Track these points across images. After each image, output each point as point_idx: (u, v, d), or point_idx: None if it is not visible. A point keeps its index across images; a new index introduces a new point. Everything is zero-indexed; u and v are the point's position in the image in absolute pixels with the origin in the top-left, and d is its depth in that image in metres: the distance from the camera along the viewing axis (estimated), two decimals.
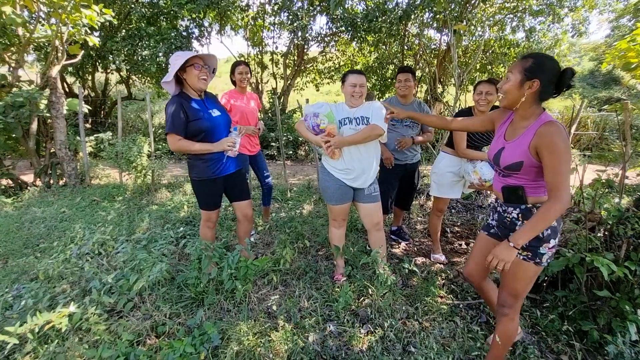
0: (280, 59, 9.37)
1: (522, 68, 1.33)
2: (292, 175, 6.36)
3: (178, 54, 2.08)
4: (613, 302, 1.77)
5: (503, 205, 1.51)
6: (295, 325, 1.97)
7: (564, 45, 7.89)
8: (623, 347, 1.62)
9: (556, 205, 1.24)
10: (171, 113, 2.05)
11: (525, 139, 1.34)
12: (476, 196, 4.36)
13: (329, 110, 2.14)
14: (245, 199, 2.45)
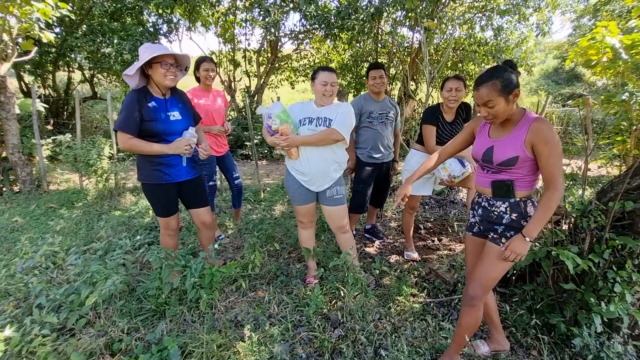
0: (253, 56, 9.16)
1: (497, 91, 1.38)
2: (266, 175, 6.23)
3: (147, 46, 1.92)
4: (579, 295, 1.79)
5: (490, 200, 1.54)
6: (264, 333, 1.87)
7: (530, 43, 8.15)
8: (589, 339, 1.64)
9: (556, 193, 1.35)
10: (125, 109, 1.91)
11: (518, 136, 1.42)
12: (448, 192, 4.41)
13: (281, 110, 2.06)
14: (202, 205, 2.28)
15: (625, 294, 1.62)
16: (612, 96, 3.98)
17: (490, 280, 1.53)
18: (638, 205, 1.74)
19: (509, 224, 1.48)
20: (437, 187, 2.82)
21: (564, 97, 14.96)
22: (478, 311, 1.57)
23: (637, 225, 1.73)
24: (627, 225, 1.78)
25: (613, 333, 1.71)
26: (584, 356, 1.68)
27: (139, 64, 1.87)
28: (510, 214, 1.48)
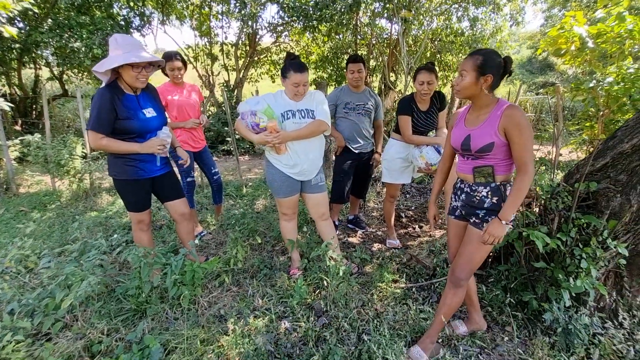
0: (231, 49, 8.98)
1: (474, 66, 1.45)
2: (248, 170, 6.17)
3: (118, 42, 1.82)
4: (549, 272, 1.88)
5: (472, 186, 1.59)
6: (248, 326, 1.87)
7: (505, 32, 8.34)
8: (558, 313, 1.73)
9: (526, 177, 1.41)
10: (97, 107, 1.83)
11: (492, 122, 1.47)
12: (428, 180, 4.50)
13: (266, 106, 2.00)
14: (177, 197, 2.26)
15: (590, 269, 1.71)
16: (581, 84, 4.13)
17: (475, 262, 1.59)
18: (601, 185, 1.83)
19: (490, 208, 1.53)
20: (415, 175, 2.87)
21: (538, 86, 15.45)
22: (462, 291, 1.65)
23: (601, 205, 1.82)
24: (591, 204, 1.87)
25: (580, 306, 1.81)
26: (554, 329, 1.77)
27: (108, 63, 1.79)
28: (492, 198, 1.53)
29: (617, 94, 3.70)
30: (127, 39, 1.87)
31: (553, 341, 1.75)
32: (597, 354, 1.64)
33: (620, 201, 1.73)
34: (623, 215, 1.71)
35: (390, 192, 2.89)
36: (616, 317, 1.84)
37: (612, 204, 1.76)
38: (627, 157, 1.75)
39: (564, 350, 1.69)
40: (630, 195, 1.70)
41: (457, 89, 1.52)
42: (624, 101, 3.67)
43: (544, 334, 1.81)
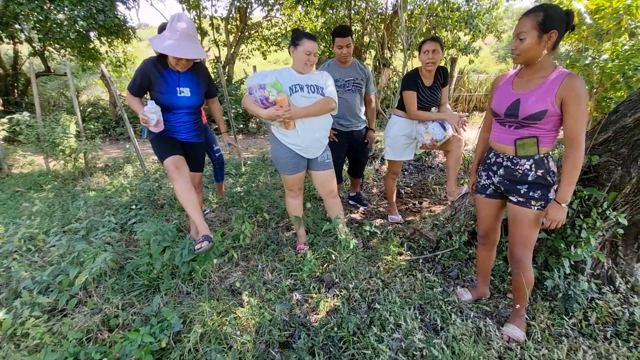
0: (221, 23, 8.66)
1: (535, 24, 1.32)
2: (244, 149, 6.11)
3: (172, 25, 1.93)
4: (549, 242, 1.97)
5: (514, 159, 1.51)
6: (261, 298, 1.93)
7: (501, 8, 8.23)
8: (558, 280, 1.83)
9: (579, 152, 1.35)
10: (137, 72, 2.07)
11: (549, 89, 1.36)
12: (426, 157, 4.55)
13: (274, 80, 1.95)
14: (196, 170, 2.37)
15: (590, 239, 1.80)
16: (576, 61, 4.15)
17: (529, 242, 1.57)
18: (602, 159, 1.89)
19: (534, 181, 1.47)
20: (418, 152, 2.90)
21: None
22: (529, 269, 1.61)
23: (602, 177, 1.89)
24: (592, 177, 1.94)
25: (578, 274, 1.91)
26: (554, 295, 1.88)
27: (155, 44, 1.94)
28: (536, 171, 1.46)
29: (611, 71, 3.74)
30: (180, 23, 1.94)
31: (553, 306, 1.86)
32: (595, 316, 1.76)
33: (621, 174, 1.80)
34: (623, 187, 1.79)
35: (392, 169, 2.92)
36: (612, 283, 1.96)
37: (613, 177, 1.83)
38: (629, 131, 1.80)
39: (563, 314, 1.80)
40: (630, 167, 1.76)
41: (517, 52, 1.39)
42: (618, 78, 3.72)
43: (544, 300, 1.91)
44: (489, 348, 1.61)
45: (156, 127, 2.05)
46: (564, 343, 1.63)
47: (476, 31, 8.01)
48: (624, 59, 3.65)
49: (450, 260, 2.31)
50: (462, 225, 2.37)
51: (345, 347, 1.62)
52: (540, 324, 1.74)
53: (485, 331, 1.69)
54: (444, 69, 2.60)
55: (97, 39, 7.29)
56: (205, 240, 2.00)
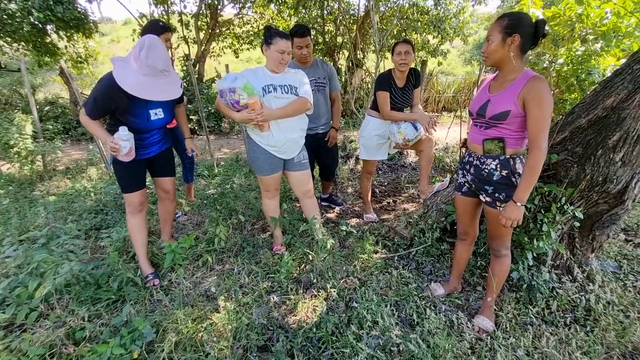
0: (190, 20, 8.39)
1: (500, 27, 1.41)
2: (217, 149, 5.97)
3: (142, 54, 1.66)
4: (514, 236, 2.08)
5: (482, 158, 1.59)
6: (238, 303, 1.89)
7: (467, 13, 8.58)
8: (523, 272, 1.94)
9: (538, 153, 1.38)
10: (96, 93, 1.74)
11: (513, 90, 1.43)
12: (399, 157, 4.66)
13: (245, 83, 1.90)
14: (169, 175, 2.25)
15: (550, 232, 1.92)
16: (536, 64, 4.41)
17: (504, 237, 1.65)
18: (560, 157, 2.02)
19: (499, 182, 1.54)
20: (391, 151, 2.96)
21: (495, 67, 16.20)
22: (507, 259, 1.71)
23: (560, 175, 2.02)
24: (552, 175, 2.07)
25: (541, 265, 2.04)
26: (520, 286, 1.99)
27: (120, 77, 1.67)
28: (501, 171, 1.52)
29: (566, 74, 4.02)
30: (151, 56, 1.68)
31: (519, 296, 1.97)
32: (555, 304, 1.88)
33: (577, 171, 1.93)
34: (579, 184, 1.92)
35: (367, 168, 2.96)
36: (570, 272, 2.11)
37: (570, 174, 1.96)
38: (583, 131, 1.94)
39: (528, 304, 1.91)
40: (585, 165, 1.90)
41: (485, 55, 1.49)
42: (572, 81, 4.00)
43: (510, 291, 2.02)
44: (462, 340, 1.68)
45: (127, 155, 1.82)
46: (529, 331, 1.73)
47: (444, 34, 8.31)
48: (577, 63, 3.93)
49: (424, 256, 2.38)
50: (434, 222, 2.46)
51: (324, 347, 1.63)
52: (508, 314, 1.84)
53: (458, 324, 1.76)
54: (416, 71, 2.67)
55: (54, 32, 6.82)
56: (155, 278, 2.08)
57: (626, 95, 1.76)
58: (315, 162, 2.93)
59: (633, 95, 1.73)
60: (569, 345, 1.67)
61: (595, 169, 1.86)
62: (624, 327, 1.77)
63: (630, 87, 1.74)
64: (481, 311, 1.82)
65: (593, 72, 3.76)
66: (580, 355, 1.60)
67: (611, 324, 1.78)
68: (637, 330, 1.76)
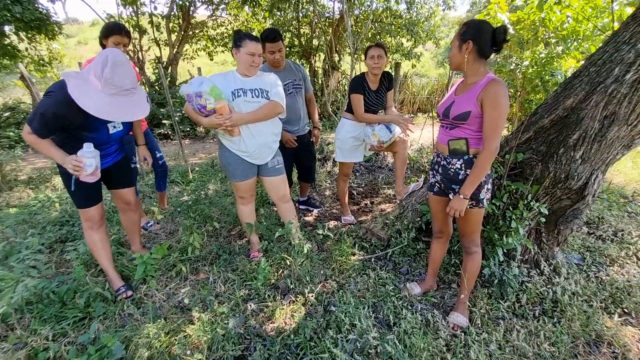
0: (161, 21, 8.16)
1: (458, 35, 1.53)
2: (191, 154, 5.82)
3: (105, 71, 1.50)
4: (485, 233, 2.14)
5: (448, 158, 1.67)
6: (213, 313, 1.84)
7: (437, 17, 8.83)
8: (494, 268, 2.00)
9: (487, 153, 1.48)
10: (47, 110, 1.53)
11: (474, 92, 1.52)
12: (375, 158, 4.72)
13: (211, 87, 1.84)
14: (127, 185, 2.12)
15: (518, 228, 2.00)
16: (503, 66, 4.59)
17: (472, 233, 1.74)
18: (526, 156, 2.11)
19: (464, 180, 1.60)
20: (367, 154, 2.99)
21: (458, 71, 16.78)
22: (477, 255, 1.78)
23: (526, 173, 2.11)
24: (518, 173, 2.15)
25: (510, 260, 2.11)
26: (492, 282, 2.05)
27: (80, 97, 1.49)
28: (465, 170, 1.61)
29: (531, 76, 4.23)
30: (116, 75, 1.52)
31: (491, 292, 2.03)
32: (525, 298, 1.95)
33: (541, 169, 2.02)
34: (543, 181, 2.01)
35: (343, 170, 2.97)
36: (538, 266, 2.20)
37: (535, 172, 2.05)
38: (546, 131, 2.03)
39: (499, 298, 1.98)
40: (549, 163, 1.99)
41: (449, 61, 1.60)
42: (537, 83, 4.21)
43: (483, 287, 2.08)
44: (437, 337, 1.71)
45: (92, 175, 1.67)
46: (501, 325, 1.79)
47: (417, 37, 8.52)
48: (541, 65, 4.13)
49: (400, 256, 2.41)
50: (409, 222, 2.50)
51: (303, 354, 1.62)
52: (481, 310, 1.89)
53: (433, 322, 1.80)
54: (388, 74, 2.71)
55: (14, 33, 6.45)
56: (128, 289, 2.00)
57: (584, 96, 1.86)
58: (293, 165, 2.92)
59: (590, 96, 1.84)
60: (537, 337, 1.73)
61: (558, 166, 1.96)
62: (588, 316, 1.87)
63: (587, 89, 1.84)
64: (455, 308, 1.86)
65: (556, 74, 3.96)
66: (548, 346, 1.67)
67: (576, 314, 1.87)
68: (600, 319, 1.86)
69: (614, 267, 2.39)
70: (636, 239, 2.67)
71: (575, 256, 2.46)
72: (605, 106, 1.80)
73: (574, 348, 1.71)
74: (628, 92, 1.74)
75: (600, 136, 1.84)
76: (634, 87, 1.72)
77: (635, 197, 3.61)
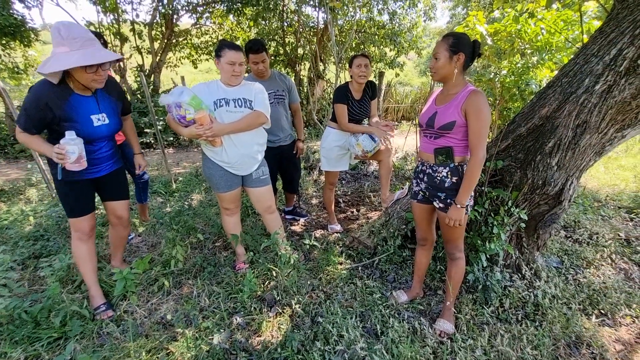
0: (144, 29, 8.05)
1: (447, 46, 1.54)
2: (175, 164, 5.72)
3: (63, 35, 1.51)
4: (468, 239, 2.18)
5: (434, 167, 1.69)
6: (197, 328, 1.79)
7: (419, 28, 9.08)
8: (478, 274, 2.04)
9: (475, 160, 1.52)
10: (29, 104, 1.59)
11: (457, 102, 1.55)
12: (361, 166, 4.76)
13: (191, 97, 1.82)
14: (121, 198, 2.05)
15: (500, 234, 2.04)
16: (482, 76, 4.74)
17: (455, 239, 1.76)
18: (505, 163, 2.17)
19: (450, 187, 1.65)
20: (352, 162, 3.01)
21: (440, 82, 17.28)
22: (461, 261, 1.81)
23: (505, 179, 2.17)
24: (498, 179, 2.21)
25: (493, 265, 2.15)
26: (476, 287, 2.09)
27: (56, 65, 1.51)
28: (451, 178, 1.64)
29: (509, 85, 4.39)
30: (74, 30, 1.55)
31: (475, 297, 2.06)
32: (508, 302, 1.99)
33: (520, 175, 2.09)
34: (522, 187, 2.07)
35: (329, 179, 2.98)
36: (519, 270, 2.25)
37: (514, 178, 2.11)
38: (523, 139, 2.10)
39: (483, 304, 2.01)
40: (527, 170, 2.05)
41: (433, 70, 1.61)
42: (514, 91, 4.37)
43: (467, 293, 2.11)
44: (424, 345, 1.71)
45: (77, 163, 1.62)
46: (486, 330, 1.81)
47: (400, 47, 8.72)
48: (518, 74, 4.31)
49: (387, 264, 2.42)
50: (395, 230, 2.52)
51: None
52: (466, 316, 1.91)
53: (420, 329, 1.80)
54: (372, 83, 2.75)
55: None
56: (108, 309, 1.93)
57: (557, 105, 1.94)
58: (277, 174, 2.91)
59: (563, 106, 1.91)
60: (521, 341, 1.77)
61: (536, 173, 2.02)
62: (568, 318, 1.92)
63: (561, 98, 1.92)
64: (442, 314, 1.88)
65: (530, 83, 4.14)
66: (530, 349, 1.70)
67: (556, 316, 1.92)
68: (579, 320, 1.91)
69: (591, 269, 2.47)
70: (610, 242, 2.78)
71: (554, 260, 2.53)
72: (577, 115, 1.88)
73: (555, 350, 1.75)
74: (598, 102, 1.82)
75: (574, 144, 1.92)
76: (603, 97, 1.81)
77: (608, 201, 3.77)
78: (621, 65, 1.75)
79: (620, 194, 3.89)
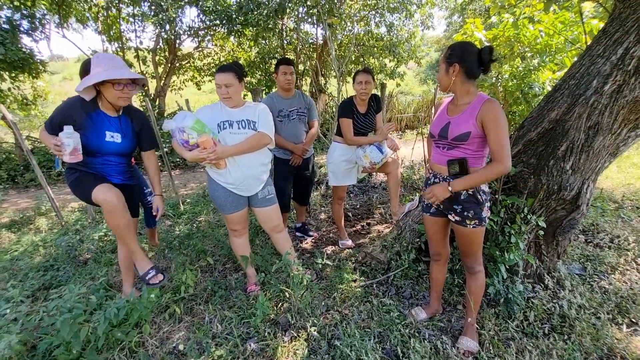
0: (148, 55, 8.27)
1: (444, 58, 1.58)
2: (182, 185, 5.74)
3: (100, 60, 1.82)
4: (486, 250, 2.11)
5: (447, 178, 1.63)
6: (210, 357, 1.73)
7: (417, 38, 9.17)
8: (499, 286, 1.95)
9: (499, 166, 1.45)
10: (57, 111, 1.84)
11: (471, 113, 1.52)
12: (369, 178, 4.72)
13: (194, 121, 1.83)
14: (133, 216, 2.04)
15: (518, 243, 1.97)
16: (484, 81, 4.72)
17: (474, 252, 1.70)
18: (518, 169, 2.12)
19: (466, 200, 1.59)
20: (360, 176, 2.98)
21: None
22: (481, 274, 1.74)
23: (519, 186, 2.11)
24: (512, 187, 2.15)
25: (514, 276, 2.07)
26: (497, 301, 2.00)
27: (88, 81, 1.74)
28: (467, 190, 1.58)
29: (512, 89, 4.36)
30: (109, 55, 1.87)
31: (498, 311, 1.97)
32: (533, 315, 1.90)
33: (534, 181, 2.03)
34: (537, 193, 2.01)
35: (337, 194, 2.94)
36: (541, 280, 2.16)
37: (528, 185, 2.05)
38: (534, 144, 2.05)
39: (507, 318, 1.92)
40: (541, 175, 2.00)
41: (438, 82, 1.64)
42: (518, 95, 4.33)
43: (489, 307, 2.03)
44: None
45: (72, 156, 1.72)
46: (512, 347, 1.72)
47: (399, 58, 8.80)
48: (520, 78, 4.28)
49: (402, 279, 2.35)
50: (408, 243, 2.45)
51: None
52: (490, 332, 1.83)
53: (443, 349, 1.72)
54: (376, 96, 2.75)
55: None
56: (158, 273, 1.94)
57: (567, 108, 1.90)
58: (292, 190, 2.91)
59: (572, 108, 1.87)
60: (550, 356, 1.67)
61: (550, 178, 1.96)
62: (597, 329, 1.82)
63: (569, 101, 1.89)
64: (464, 332, 1.79)
65: (533, 86, 4.11)
66: None
67: (585, 328, 1.82)
68: (609, 331, 1.81)
69: (615, 274, 2.37)
70: (633, 245, 2.67)
71: (576, 266, 2.44)
72: (588, 117, 1.83)
73: None
74: (608, 103, 1.78)
75: (587, 146, 1.87)
76: (613, 97, 1.77)
77: (625, 202, 3.66)
78: (629, 64, 1.72)
79: (636, 193, 3.78)
